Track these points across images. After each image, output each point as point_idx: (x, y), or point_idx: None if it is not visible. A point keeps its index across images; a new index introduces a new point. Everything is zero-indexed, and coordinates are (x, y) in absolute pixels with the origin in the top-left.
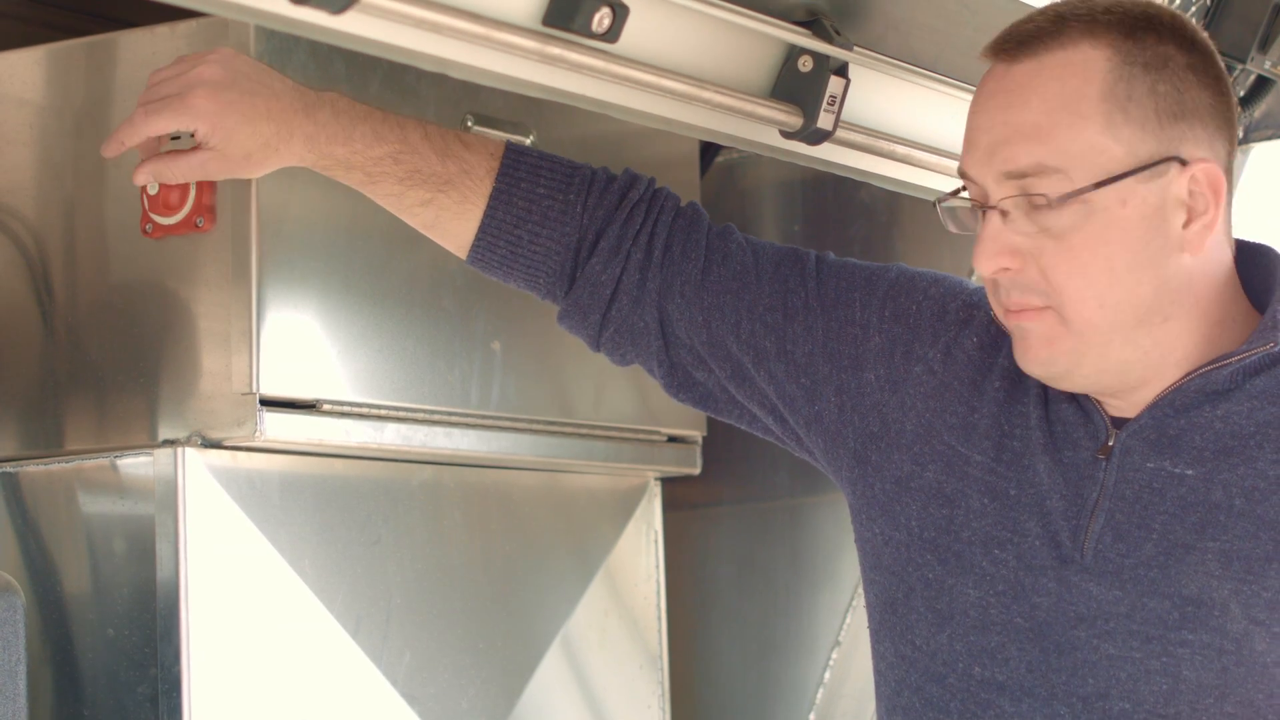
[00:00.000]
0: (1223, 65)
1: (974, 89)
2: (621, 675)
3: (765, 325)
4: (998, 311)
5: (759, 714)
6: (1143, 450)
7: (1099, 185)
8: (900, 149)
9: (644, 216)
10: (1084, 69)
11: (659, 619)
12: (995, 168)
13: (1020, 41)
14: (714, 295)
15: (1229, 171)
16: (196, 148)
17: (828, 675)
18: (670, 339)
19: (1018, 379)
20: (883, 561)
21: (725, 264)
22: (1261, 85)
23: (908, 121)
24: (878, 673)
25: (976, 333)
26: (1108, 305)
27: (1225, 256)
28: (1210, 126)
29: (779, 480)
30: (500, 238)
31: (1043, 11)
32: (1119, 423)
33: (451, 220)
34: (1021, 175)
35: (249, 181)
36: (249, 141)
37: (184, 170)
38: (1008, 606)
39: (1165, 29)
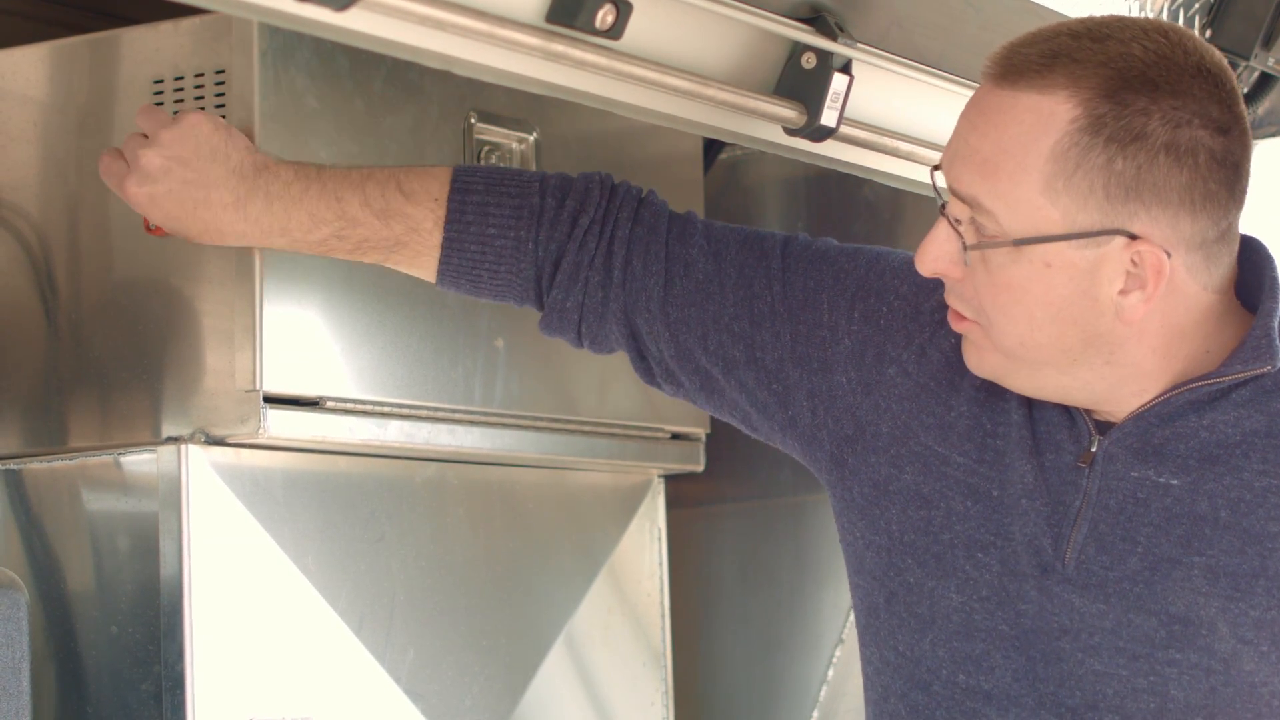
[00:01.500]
0: (1247, 146)
1: (977, 86)
2: (625, 673)
3: (732, 334)
4: None
5: (763, 711)
6: (1126, 458)
7: (1022, 242)
8: (904, 146)
9: (597, 239)
10: (1046, 122)
11: (662, 616)
12: (950, 180)
13: (1009, 66)
14: (678, 310)
15: (1214, 243)
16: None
17: (831, 673)
18: (644, 349)
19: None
20: (865, 565)
21: (687, 275)
22: (1265, 82)
23: (912, 118)
24: (865, 678)
25: (953, 332)
26: (1028, 345)
27: (1197, 302)
28: (1174, 206)
29: (783, 478)
30: (462, 277)
31: (1050, 37)
32: (1104, 428)
33: (411, 268)
34: (962, 199)
35: None
36: (191, 228)
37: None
38: (992, 613)
39: (1174, 95)
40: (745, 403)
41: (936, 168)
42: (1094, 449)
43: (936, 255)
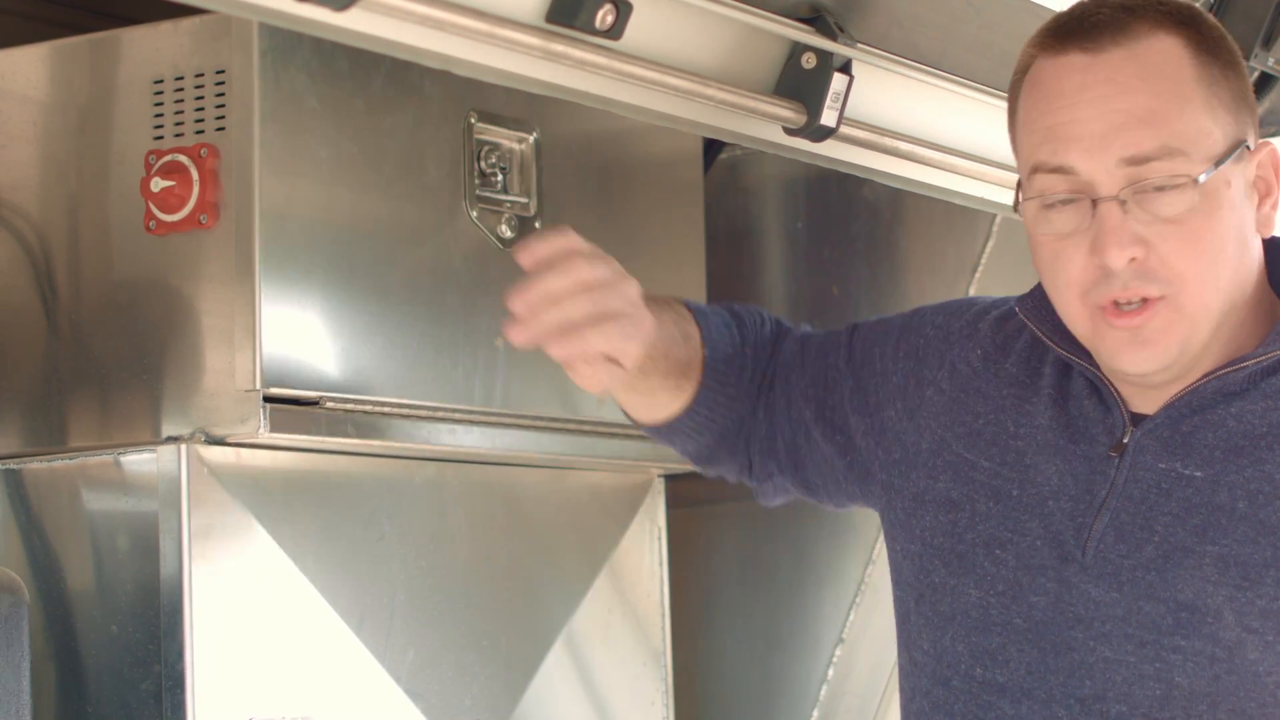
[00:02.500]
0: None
1: (978, 85)
2: (625, 672)
3: (805, 398)
4: (1090, 314)
5: (763, 711)
6: (1155, 450)
7: (1216, 165)
8: (904, 146)
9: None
10: (1175, 55)
11: (663, 616)
12: (1113, 155)
13: (1096, 31)
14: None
15: None
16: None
17: (831, 672)
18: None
19: (1027, 382)
20: (902, 575)
21: (786, 372)
22: (1266, 82)
23: (912, 118)
24: (900, 685)
25: (980, 344)
26: (1222, 287)
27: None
28: (1255, 113)
29: None
30: (690, 433)
31: (1102, 2)
32: (1137, 420)
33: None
34: (1143, 160)
35: (252, 178)
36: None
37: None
38: (1007, 607)
39: (1206, 22)
40: (822, 461)
41: (1053, 171)
42: (1126, 440)
43: (1127, 239)
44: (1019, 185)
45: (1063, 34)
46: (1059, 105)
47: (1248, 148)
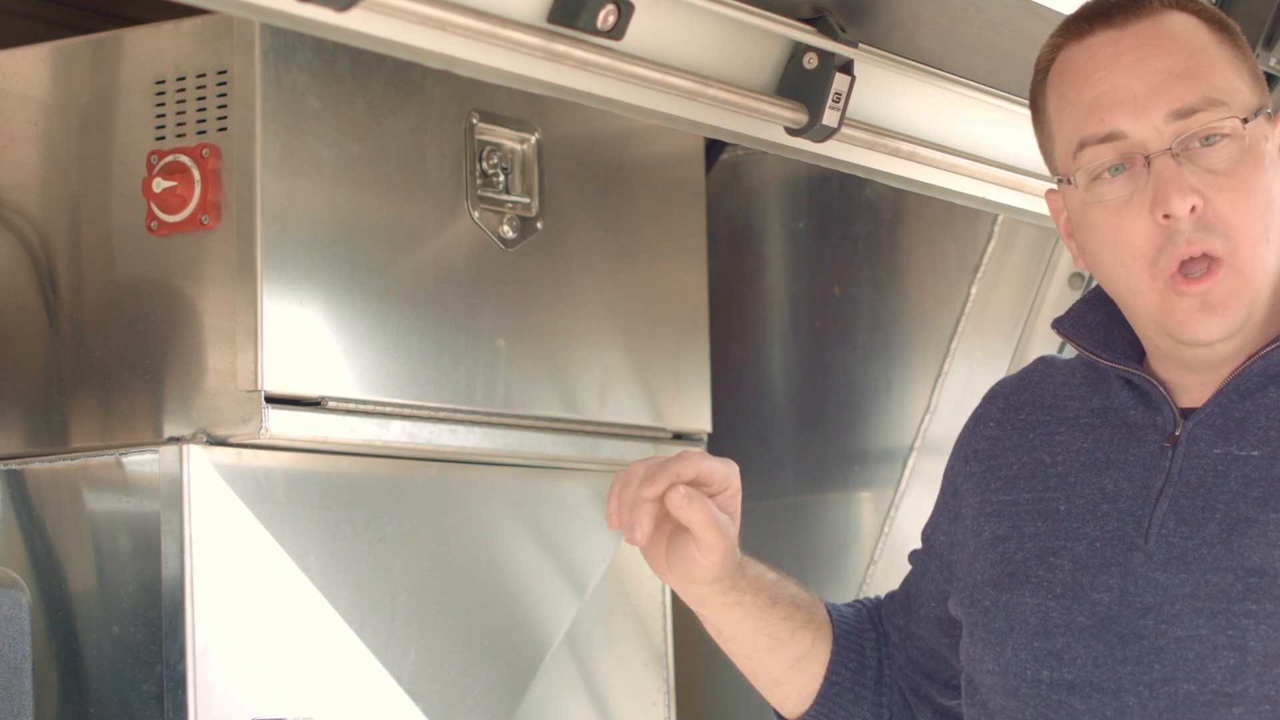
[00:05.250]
0: None
1: (980, 85)
2: (627, 673)
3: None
4: (1160, 287)
5: (764, 711)
6: (1209, 438)
7: (1252, 117)
8: (905, 146)
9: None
10: (1194, 26)
11: (664, 616)
12: (1159, 111)
13: (1120, 11)
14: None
15: None
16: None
17: None
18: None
19: (1050, 419)
20: (965, 630)
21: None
22: (1268, 82)
23: (913, 119)
24: None
25: (988, 422)
26: (1273, 241)
27: None
28: (1268, 93)
29: (784, 477)
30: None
31: None
32: (1186, 414)
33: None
34: (1190, 112)
35: (253, 178)
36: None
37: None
38: (1068, 608)
39: (1215, 9)
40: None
41: (1103, 139)
42: (1178, 432)
43: (1185, 187)
44: (1058, 183)
45: (1084, 21)
46: (1097, 78)
47: (1270, 114)
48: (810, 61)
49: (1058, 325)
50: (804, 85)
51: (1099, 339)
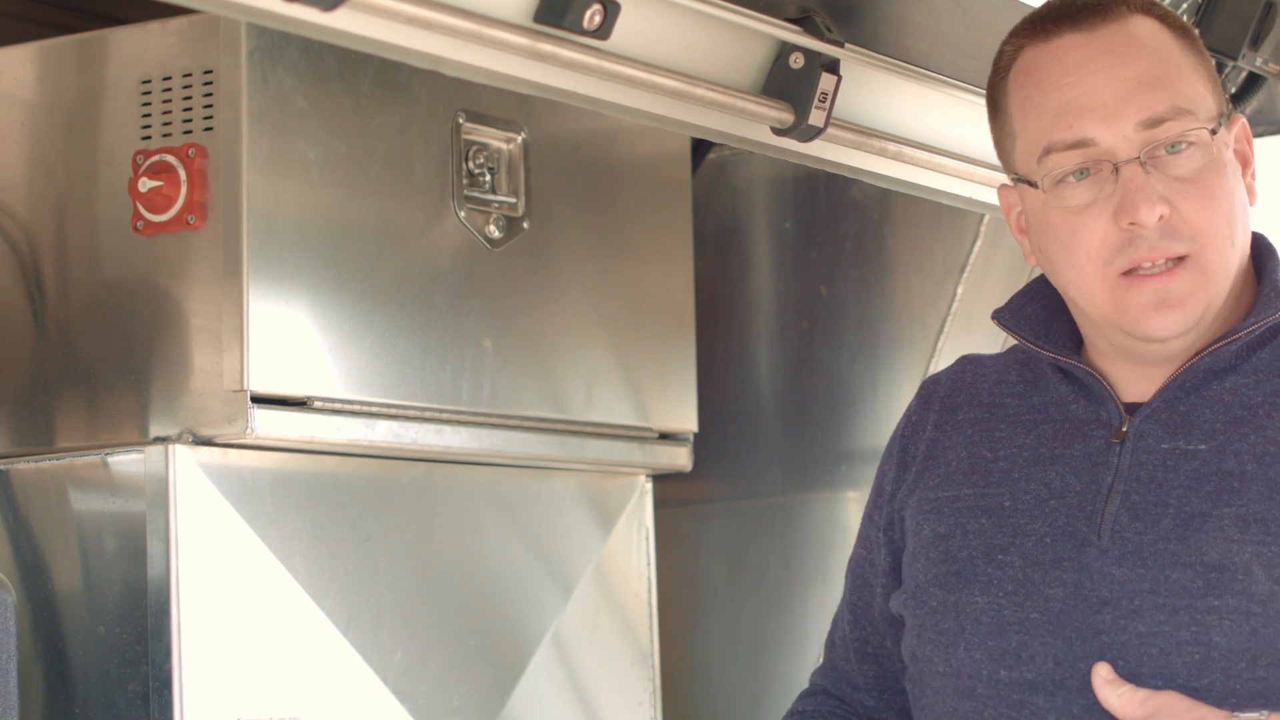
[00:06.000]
0: None
1: (965, 85)
2: (613, 672)
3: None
4: (1111, 284)
5: (750, 710)
6: (1157, 433)
7: (1218, 126)
8: (892, 146)
9: None
10: (1158, 32)
11: (650, 616)
12: (1129, 120)
13: (1086, 13)
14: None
15: None
16: None
17: None
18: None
19: (988, 416)
20: (907, 643)
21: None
22: (1253, 82)
23: (900, 118)
24: None
25: (925, 426)
26: (1236, 243)
27: None
28: (1223, 94)
29: (770, 477)
30: None
31: None
32: (1131, 409)
33: None
34: (1159, 122)
35: (239, 178)
36: None
37: None
38: (1020, 605)
39: (1172, 11)
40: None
41: (1072, 146)
42: (1125, 427)
43: (1155, 196)
44: (1015, 180)
45: (1050, 21)
46: (1065, 83)
47: (1228, 118)
48: (796, 61)
49: (997, 316)
50: (790, 85)
51: (1039, 330)
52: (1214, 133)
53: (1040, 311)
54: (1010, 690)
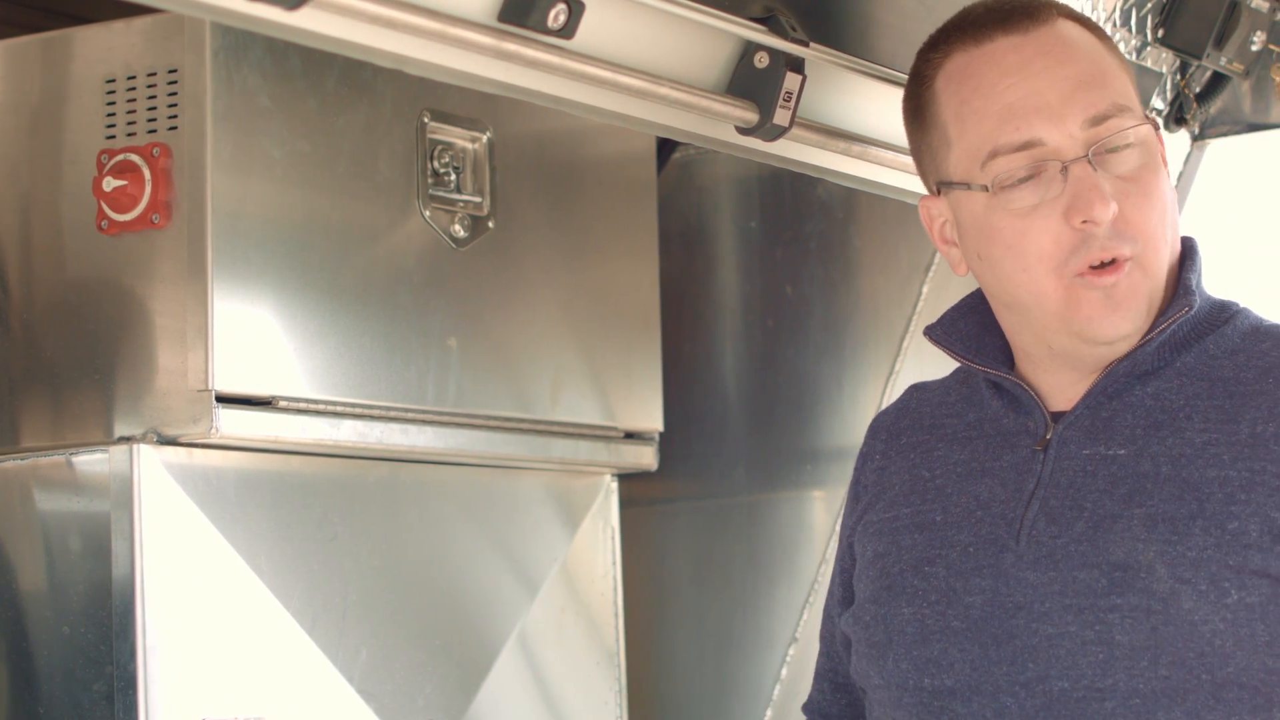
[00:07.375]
0: None
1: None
2: (578, 672)
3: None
4: (1066, 285)
5: (716, 710)
6: (1079, 439)
7: (1149, 124)
8: (857, 145)
9: None
10: (1082, 34)
11: (616, 615)
12: (1075, 119)
13: (1016, 16)
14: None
15: None
16: None
17: (785, 671)
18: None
19: (930, 438)
20: (853, 662)
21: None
22: (1217, 81)
23: (864, 118)
24: None
25: (874, 456)
26: (1172, 245)
27: None
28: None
29: (736, 476)
30: None
31: None
32: (1056, 417)
33: None
34: (1102, 119)
35: (204, 178)
36: None
37: None
38: (943, 613)
39: (1087, 17)
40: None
41: (1019, 148)
42: (1049, 435)
43: (1106, 194)
44: (943, 188)
45: (976, 26)
46: (1007, 84)
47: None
48: (761, 60)
49: (929, 332)
50: (755, 84)
51: (971, 345)
52: (1158, 129)
53: (972, 327)
54: (933, 698)
